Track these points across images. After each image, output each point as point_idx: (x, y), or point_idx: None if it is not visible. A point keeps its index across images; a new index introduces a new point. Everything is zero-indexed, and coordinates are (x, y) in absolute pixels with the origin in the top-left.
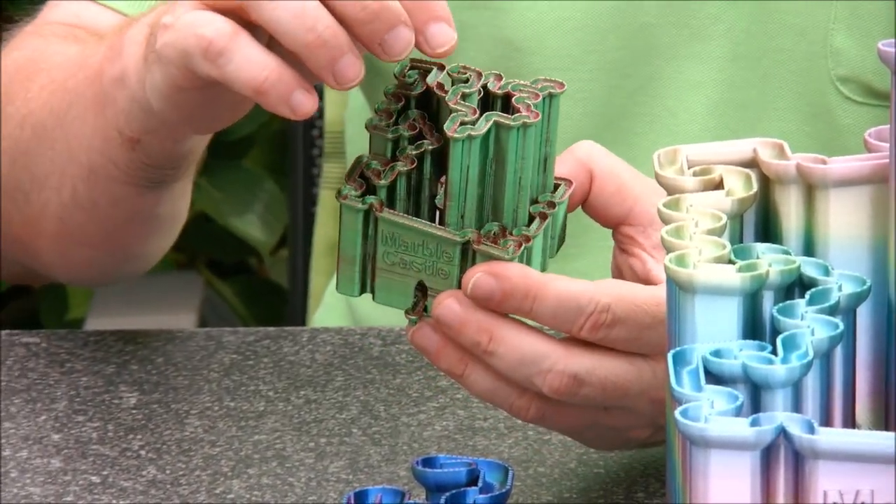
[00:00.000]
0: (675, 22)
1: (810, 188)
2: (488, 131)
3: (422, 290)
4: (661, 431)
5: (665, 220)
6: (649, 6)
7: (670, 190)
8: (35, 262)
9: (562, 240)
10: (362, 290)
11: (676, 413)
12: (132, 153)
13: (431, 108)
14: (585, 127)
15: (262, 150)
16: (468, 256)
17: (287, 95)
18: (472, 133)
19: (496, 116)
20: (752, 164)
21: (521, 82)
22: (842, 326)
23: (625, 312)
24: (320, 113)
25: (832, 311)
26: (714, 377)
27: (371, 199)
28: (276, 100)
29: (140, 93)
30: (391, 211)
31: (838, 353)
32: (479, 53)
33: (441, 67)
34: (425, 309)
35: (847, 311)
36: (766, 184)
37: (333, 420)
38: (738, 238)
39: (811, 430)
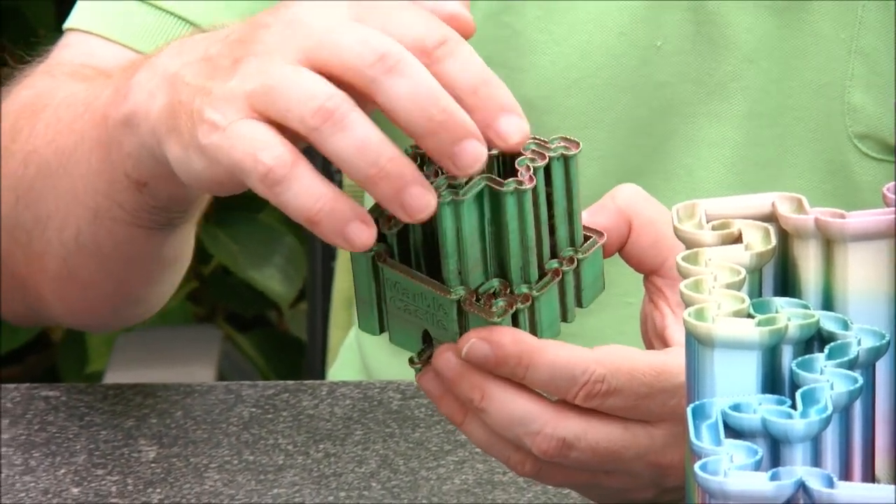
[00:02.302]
0: (693, 80)
1: (829, 242)
2: (481, 192)
3: (427, 338)
4: (668, 493)
5: (684, 274)
6: (666, 65)
7: (689, 244)
8: (37, 302)
9: (600, 289)
10: (381, 330)
11: (696, 467)
12: (139, 195)
13: None
14: (602, 185)
15: None
16: (464, 313)
17: (341, 227)
18: (456, 199)
19: (487, 180)
20: (770, 218)
21: (539, 138)
22: (861, 381)
23: (620, 383)
24: None
25: (851, 365)
26: (733, 431)
27: (377, 247)
28: (329, 231)
29: (150, 140)
30: (392, 261)
31: (857, 407)
32: None
33: None
34: (429, 357)
35: (866, 365)
36: (785, 238)
37: (353, 474)
38: (756, 292)
39: (830, 484)
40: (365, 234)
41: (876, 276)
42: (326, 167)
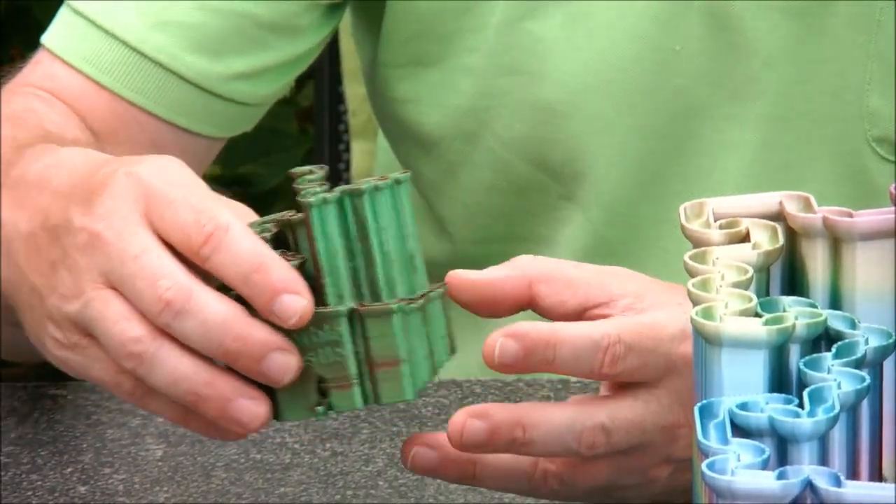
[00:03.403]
0: (712, 83)
1: (836, 241)
2: (343, 203)
3: (321, 391)
4: (681, 472)
5: (691, 273)
6: (685, 68)
7: (697, 243)
8: None
9: (451, 350)
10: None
11: (703, 466)
12: None
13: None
14: (620, 189)
15: (288, 202)
16: (357, 330)
17: (222, 408)
18: (327, 196)
19: (345, 187)
20: (778, 217)
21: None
22: (868, 380)
23: (632, 340)
24: (347, 165)
25: (858, 364)
26: (740, 430)
27: None
28: (211, 414)
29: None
30: None
31: (864, 406)
32: (513, 119)
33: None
34: (331, 407)
35: (873, 364)
36: (793, 237)
37: (359, 472)
38: (764, 291)
39: (838, 483)
40: (255, 411)
41: (884, 276)
42: (334, 172)
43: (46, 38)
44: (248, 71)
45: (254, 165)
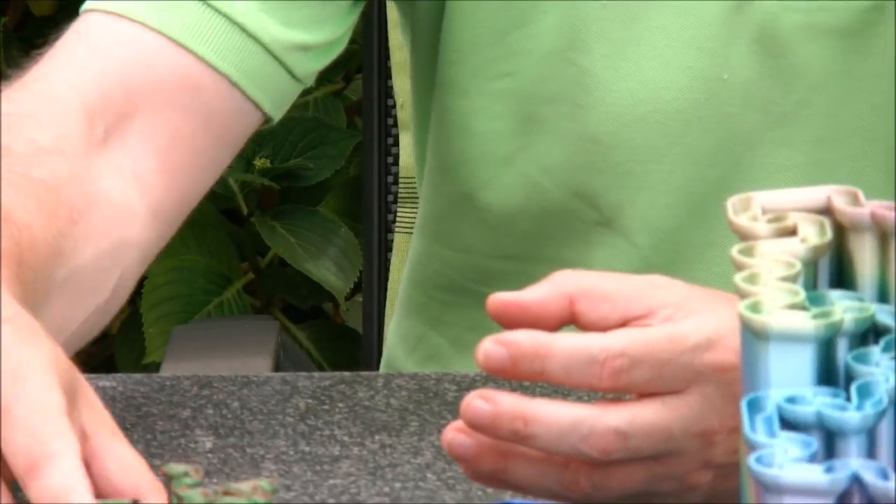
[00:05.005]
0: (760, 110)
1: (884, 235)
2: None
3: None
4: (723, 478)
5: (739, 267)
6: (733, 96)
7: (744, 237)
8: None
9: None
10: None
11: (751, 459)
12: None
13: None
14: (668, 217)
15: (337, 196)
16: None
17: None
18: None
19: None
20: (825, 211)
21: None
22: None
23: (639, 353)
24: (395, 159)
25: None
26: (788, 424)
27: None
28: None
29: None
30: None
31: None
32: (555, 147)
33: None
34: None
35: None
36: (840, 231)
37: (408, 465)
38: (811, 285)
39: (885, 476)
40: None
41: None
42: (383, 166)
43: (101, 4)
44: (310, 43)
45: (303, 159)
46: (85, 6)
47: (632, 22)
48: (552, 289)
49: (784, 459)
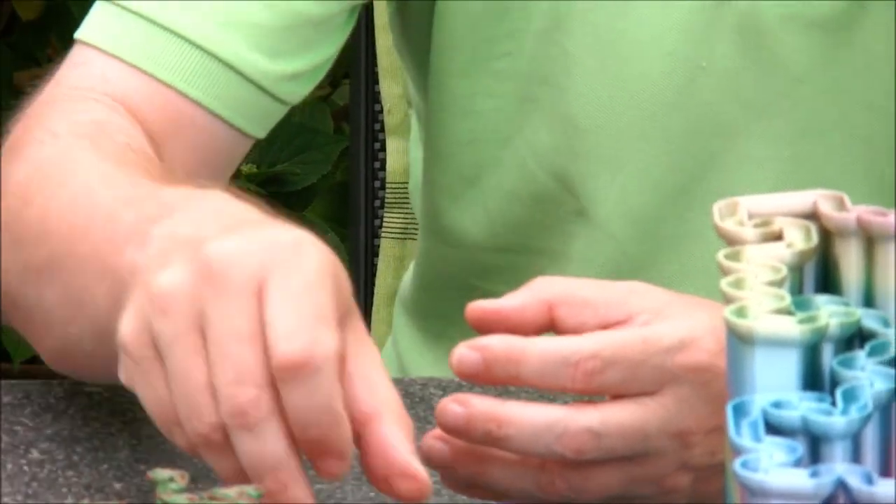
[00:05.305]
0: (741, 100)
1: (870, 240)
2: None
3: None
4: (703, 481)
5: (725, 272)
6: (714, 85)
7: (730, 241)
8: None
9: None
10: None
11: (736, 464)
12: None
13: None
14: (645, 206)
15: (324, 201)
16: None
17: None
18: None
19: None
20: (812, 216)
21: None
22: None
23: (612, 355)
24: (382, 164)
25: (892, 363)
26: (773, 428)
27: None
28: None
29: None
30: None
31: None
32: (542, 130)
33: None
34: None
35: None
36: (827, 236)
37: None
38: (797, 290)
39: (870, 481)
40: None
41: None
42: (370, 171)
43: (92, 37)
44: (298, 71)
45: (289, 164)
46: (83, 37)
47: (615, 6)
48: (531, 296)
49: (769, 464)
